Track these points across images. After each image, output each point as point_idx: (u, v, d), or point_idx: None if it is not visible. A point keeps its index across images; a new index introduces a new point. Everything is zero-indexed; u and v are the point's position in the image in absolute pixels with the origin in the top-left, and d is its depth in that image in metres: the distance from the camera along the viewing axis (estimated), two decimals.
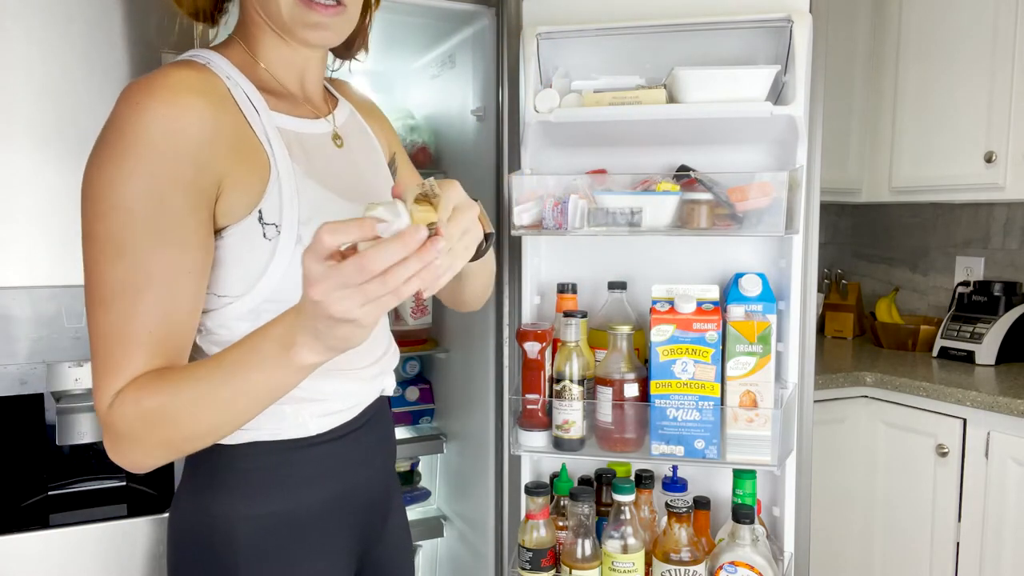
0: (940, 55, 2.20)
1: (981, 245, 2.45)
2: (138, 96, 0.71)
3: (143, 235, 0.70)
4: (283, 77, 0.88)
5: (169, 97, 0.71)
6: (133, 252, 0.70)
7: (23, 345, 1.22)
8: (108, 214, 0.70)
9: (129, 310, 0.70)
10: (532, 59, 1.37)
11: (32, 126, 1.20)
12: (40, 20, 1.19)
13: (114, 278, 0.70)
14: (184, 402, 0.68)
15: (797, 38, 1.28)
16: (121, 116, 0.71)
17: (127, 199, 0.70)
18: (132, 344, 0.70)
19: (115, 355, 0.70)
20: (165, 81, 0.72)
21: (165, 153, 0.71)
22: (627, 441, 1.30)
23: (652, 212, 1.27)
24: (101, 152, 0.72)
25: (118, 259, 0.70)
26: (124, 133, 0.70)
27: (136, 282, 0.70)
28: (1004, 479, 1.79)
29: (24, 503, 1.29)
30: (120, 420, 0.70)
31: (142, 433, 0.70)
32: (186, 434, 0.70)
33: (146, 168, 0.70)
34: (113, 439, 0.71)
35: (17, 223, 1.20)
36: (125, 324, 0.70)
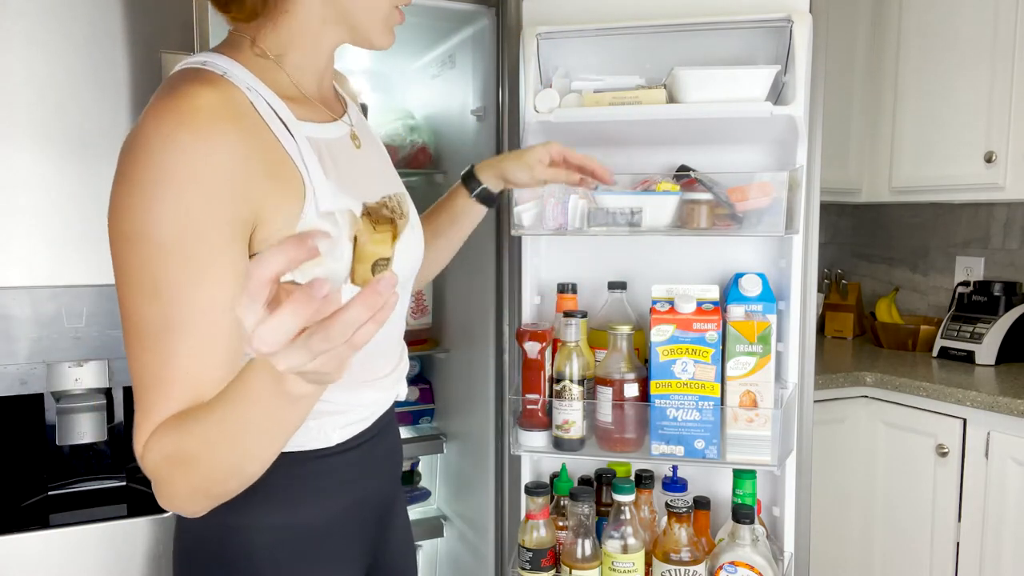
0: (940, 55, 2.20)
1: (981, 245, 2.45)
2: (168, 127, 0.68)
3: (180, 272, 0.67)
4: (305, 80, 0.85)
5: (201, 128, 0.68)
6: (169, 290, 0.67)
7: (23, 345, 1.22)
8: (142, 251, 0.67)
9: (166, 351, 0.68)
10: (532, 59, 1.37)
11: (33, 126, 1.20)
12: (41, 20, 1.19)
13: (151, 317, 0.68)
14: (196, 443, 0.66)
15: (797, 38, 1.28)
16: (150, 147, 0.68)
17: (162, 235, 0.67)
18: (168, 386, 0.68)
19: (151, 397, 0.68)
20: (195, 108, 0.69)
21: (200, 188, 0.68)
22: (627, 441, 1.30)
23: (652, 212, 1.27)
24: (131, 184, 0.68)
25: (155, 298, 0.68)
26: (155, 166, 0.67)
27: (173, 322, 0.68)
28: (1004, 479, 1.79)
29: (24, 503, 1.29)
30: (150, 464, 0.68)
31: (170, 478, 0.68)
32: (207, 475, 0.67)
33: (181, 203, 0.67)
34: (154, 484, 0.69)
35: (17, 223, 1.20)
36: (162, 366, 0.68)
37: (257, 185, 0.72)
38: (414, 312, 1.98)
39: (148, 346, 0.68)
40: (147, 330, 0.68)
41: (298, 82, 0.83)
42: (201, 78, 0.73)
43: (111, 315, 1.26)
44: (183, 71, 0.75)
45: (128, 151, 0.69)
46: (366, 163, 0.90)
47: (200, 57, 0.78)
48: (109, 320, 1.26)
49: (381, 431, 0.94)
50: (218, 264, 0.69)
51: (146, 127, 0.69)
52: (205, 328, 0.69)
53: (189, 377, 0.68)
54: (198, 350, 0.68)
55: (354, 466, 0.89)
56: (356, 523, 0.90)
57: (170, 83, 0.72)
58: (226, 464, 0.67)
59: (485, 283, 1.72)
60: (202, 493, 0.69)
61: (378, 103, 2.12)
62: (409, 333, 1.98)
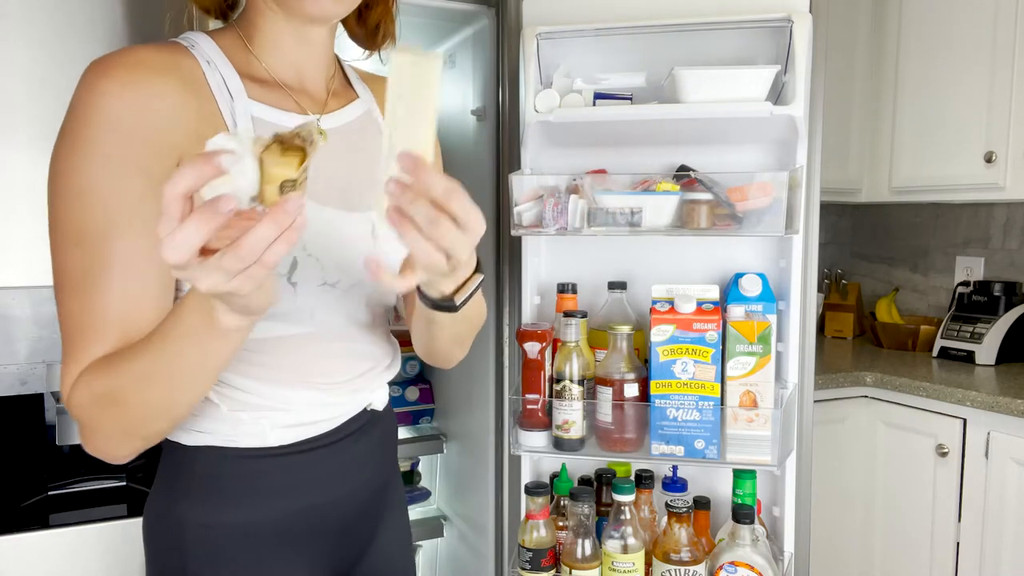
0: (940, 55, 2.20)
1: (981, 245, 2.45)
2: (94, 78, 0.70)
3: (101, 221, 0.69)
4: (276, 66, 0.83)
5: (126, 77, 0.69)
6: (92, 239, 0.69)
7: (23, 345, 1.22)
8: (67, 200, 0.69)
9: (88, 297, 0.69)
10: (532, 59, 1.37)
11: (32, 126, 1.20)
12: (41, 20, 1.19)
13: (74, 265, 0.69)
14: (127, 381, 0.67)
15: (797, 38, 1.28)
16: (78, 99, 0.70)
17: (83, 185, 0.69)
18: (91, 331, 0.69)
19: (76, 343, 0.70)
20: (123, 60, 0.70)
21: (121, 136, 0.69)
22: (627, 441, 1.30)
23: (652, 212, 1.27)
24: (61, 138, 0.70)
25: (77, 246, 0.69)
26: (80, 117, 0.69)
27: (95, 269, 0.69)
28: (1004, 479, 1.79)
29: (24, 503, 1.29)
30: (77, 407, 0.69)
31: (98, 419, 0.69)
32: (137, 415, 0.69)
33: (101, 152, 0.68)
34: (79, 428, 0.71)
35: (17, 223, 1.20)
36: (85, 312, 0.69)
37: (180, 142, 0.72)
38: None
39: (71, 293, 0.70)
40: (71, 277, 0.69)
41: (269, 66, 0.83)
42: (154, 44, 0.75)
43: None
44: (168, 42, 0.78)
45: (67, 109, 0.71)
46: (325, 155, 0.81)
47: (191, 35, 0.79)
48: None
49: (350, 438, 0.88)
50: (140, 212, 0.70)
51: (79, 82, 0.71)
52: (128, 275, 0.70)
53: (112, 322, 0.69)
54: (120, 296, 0.69)
55: (305, 471, 0.84)
56: (313, 531, 0.86)
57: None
58: (156, 401, 0.68)
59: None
60: (131, 434, 0.70)
61: None
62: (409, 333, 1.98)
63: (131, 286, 0.70)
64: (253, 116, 0.78)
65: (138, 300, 0.70)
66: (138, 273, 0.70)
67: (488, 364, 1.71)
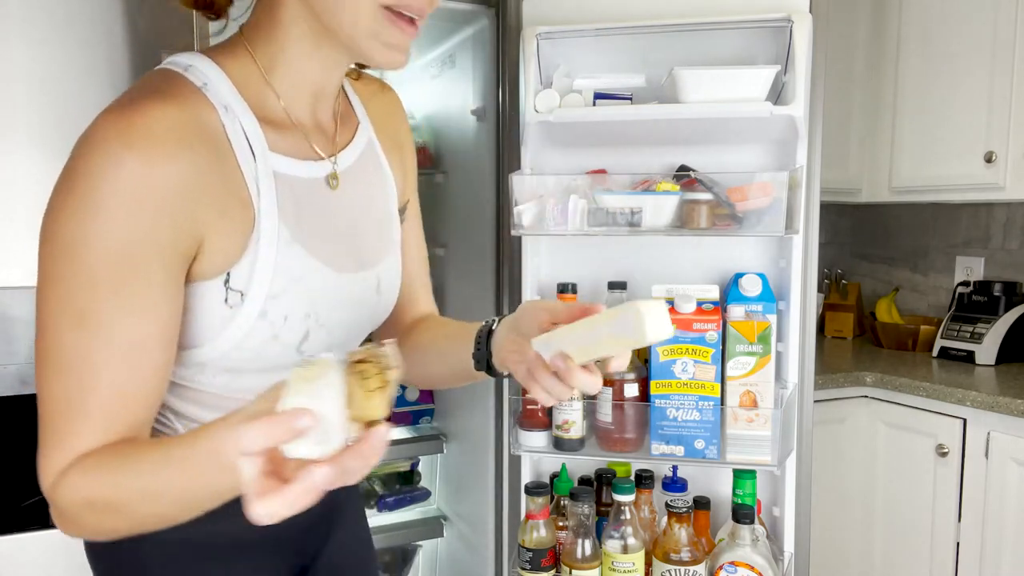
0: (940, 55, 2.20)
1: (981, 245, 2.45)
2: (117, 146, 0.62)
3: (109, 302, 0.63)
4: (295, 101, 0.76)
5: (149, 151, 0.63)
6: (96, 320, 0.63)
7: (23, 345, 1.22)
8: (71, 275, 0.63)
9: (84, 381, 0.64)
10: (532, 59, 1.37)
11: (32, 126, 1.20)
12: (41, 20, 1.19)
13: (71, 344, 0.63)
14: (132, 495, 0.63)
15: (797, 38, 1.28)
16: (95, 165, 0.63)
17: (93, 260, 0.62)
18: (84, 418, 0.64)
19: (62, 428, 0.64)
20: (146, 127, 0.63)
21: (140, 216, 0.63)
22: (627, 441, 1.30)
23: (652, 212, 1.27)
24: (66, 201, 0.63)
25: (79, 327, 0.63)
26: (97, 187, 0.62)
27: (96, 353, 0.64)
28: (1004, 479, 1.79)
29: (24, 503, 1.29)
30: (66, 505, 0.65)
31: (89, 520, 0.65)
32: (138, 522, 0.65)
33: (118, 230, 0.62)
34: (58, 515, 0.66)
35: (17, 223, 1.20)
36: (78, 395, 0.64)
37: (203, 217, 0.67)
38: None
39: (60, 374, 0.64)
40: (66, 357, 0.64)
41: (288, 104, 0.76)
42: (171, 92, 0.67)
43: None
44: (162, 72, 0.71)
45: (77, 156, 0.64)
46: (341, 206, 0.80)
47: (189, 58, 0.72)
48: None
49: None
50: (150, 296, 0.65)
51: (95, 137, 0.64)
52: (130, 363, 0.65)
53: (108, 413, 0.65)
54: (120, 386, 0.65)
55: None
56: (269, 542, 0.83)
57: (140, 88, 0.68)
58: (155, 518, 0.65)
59: (485, 283, 1.72)
60: (118, 533, 0.66)
61: None
62: None
63: (129, 376, 0.65)
64: (274, 173, 0.73)
65: (133, 392, 0.66)
66: (138, 363, 0.65)
67: None
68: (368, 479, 2.05)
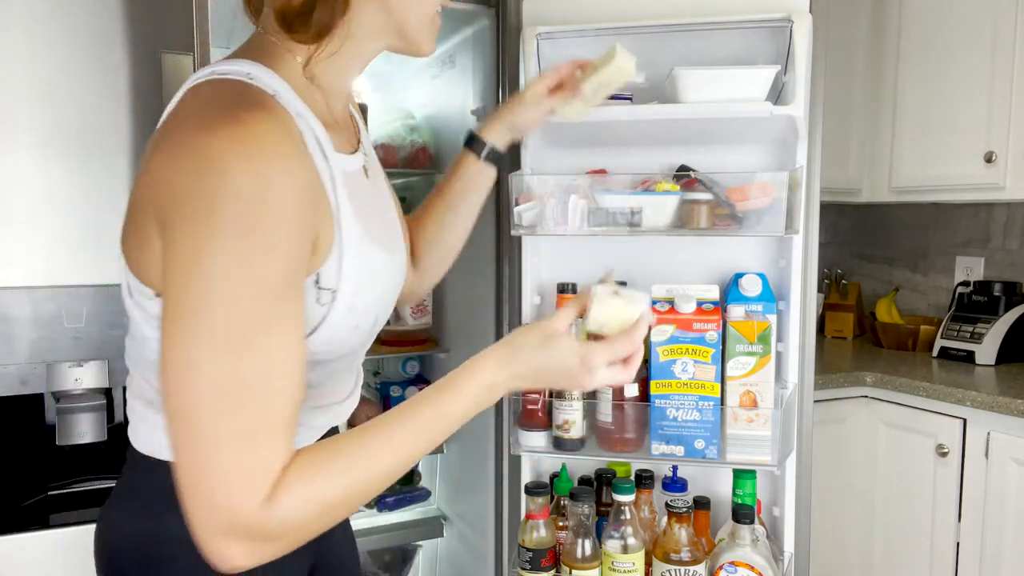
0: (940, 55, 2.20)
1: (981, 245, 2.45)
2: (255, 163, 0.62)
3: (274, 318, 0.63)
4: (334, 98, 0.80)
5: (282, 161, 0.63)
6: (266, 340, 0.62)
7: (23, 345, 1.22)
8: (230, 301, 0.61)
9: (269, 402, 0.63)
10: (532, 59, 1.37)
11: (32, 126, 1.20)
12: (41, 20, 1.19)
13: (246, 371, 0.62)
14: (370, 475, 0.68)
15: (797, 38, 1.28)
16: (234, 186, 0.61)
17: (259, 281, 0.62)
18: (275, 437, 0.63)
19: (255, 455, 0.62)
20: (267, 139, 0.63)
21: (292, 225, 0.64)
22: (627, 441, 1.30)
23: (652, 212, 1.27)
24: (215, 229, 0.61)
25: (255, 348, 0.62)
26: (244, 208, 0.61)
27: (272, 370, 0.63)
28: (1004, 479, 1.79)
29: (24, 503, 1.29)
30: (288, 518, 0.63)
31: (315, 525, 0.66)
32: (356, 506, 0.69)
33: (276, 244, 0.63)
34: (270, 538, 0.64)
35: (17, 223, 1.20)
36: (263, 419, 0.63)
37: (315, 222, 0.69)
38: (414, 312, 1.98)
39: (241, 407, 0.62)
40: (237, 390, 0.61)
41: (331, 106, 0.80)
42: (260, 102, 0.67)
43: (111, 315, 1.26)
44: (230, 83, 0.69)
45: (203, 180, 0.61)
46: (375, 194, 0.86)
47: (242, 65, 0.71)
48: (109, 320, 1.26)
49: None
50: (298, 302, 0.67)
51: (221, 158, 0.61)
52: (295, 370, 0.66)
53: (290, 423, 0.65)
54: (292, 394, 0.65)
55: None
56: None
57: (226, 101, 0.67)
58: (392, 477, 0.70)
59: (485, 283, 1.72)
60: (331, 524, 0.68)
61: (378, 103, 2.12)
62: (409, 333, 1.99)
63: (296, 382, 0.66)
64: (343, 172, 0.76)
65: (300, 396, 0.67)
66: (298, 368, 0.66)
67: None
68: None
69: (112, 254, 1.25)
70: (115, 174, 1.25)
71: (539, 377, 0.79)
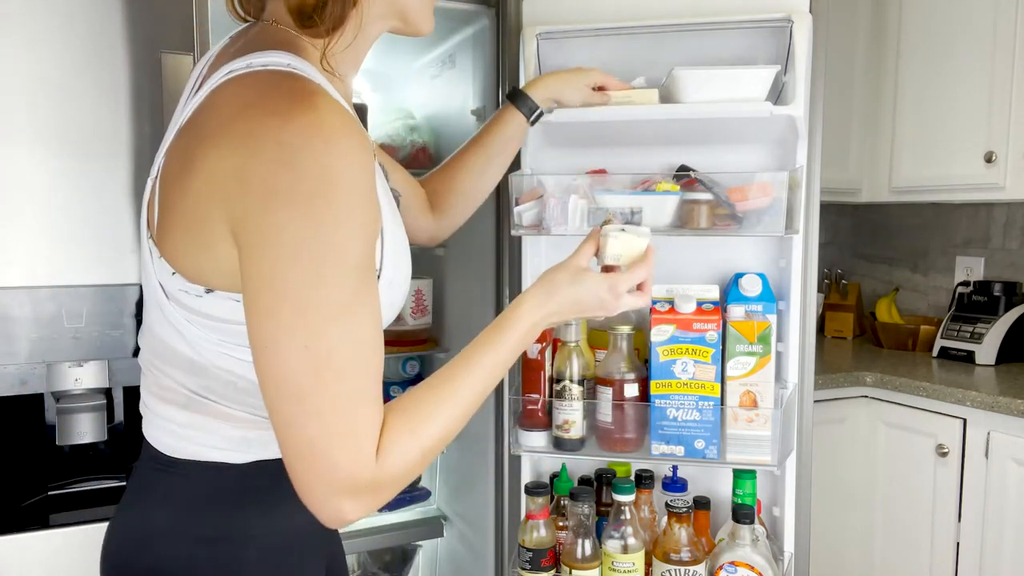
0: (940, 55, 2.20)
1: (981, 245, 2.45)
2: (339, 147, 0.65)
3: (364, 287, 0.68)
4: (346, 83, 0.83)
5: (360, 146, 0.67)
6: (361, 307, 0.67)
7: (23, 345, 1.22)
8: (330, 280, 0.65)
9: (364, 370, 0.68)
10: (532, 59, 1.37)
11: (32, 126, 1.20)
12: (41, 20, 1.19)
13: (343, 345, 0.66)
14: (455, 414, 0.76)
15: (797, 38, 1.28)
16: (327, 167, 0.64)
17: (357, 253, 0.67)
18: (375, 399, 0.69)
19: (366, 418, 0.68)
20: (337, 120, 0.66)
21: (373, 198, 0.69)
22: (627, 441, 1.30)
23: (652, 212, 1.27)
24: (313, 208, 0.64)
25: (349, 320, 0.66)
26: (338, 189, 0.65)
27: (362, 341, 0.67)
28: (1004, 479, 1.79)
29: (24, 503, 1.29)
30: (397, 471, 0.70)
31: (416, 470, 0.72)
32: (440, 450, 0.76)
33: (366, 216, 0.68)
34: (381, 488, 0.70)
35: (17, 223, 1.20)
36: (365, 383, 0.68)
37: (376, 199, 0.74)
38: (414, 312, 1.98)
39: (348, 371, 0.66)
40: (345, 357, 0.66)
41: (346, 94, 0.82)
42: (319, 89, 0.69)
43: (111, 315, 1.26)
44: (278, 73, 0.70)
45: (289, 162, 0.63)
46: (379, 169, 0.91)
47: (280, 57, 0.72)
48: (109, 320, 1.26)
49: None
50: (374, 271, 0.73)
51: (306, 141, 0.64)
52: (377, 333, 0.70)
53: (379, 383, 0.70)
54: (378, 355, 0.70)
55: None
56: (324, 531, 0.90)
57: (287, 90, 0.68)
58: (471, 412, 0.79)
59: (485, 283, 1.72)
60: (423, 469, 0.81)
61: (378, 103, 2.12)
62: (409, 333, 1.99)
63: (376, 350, 0.70)
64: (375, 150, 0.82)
65: (380, 359, 0.71)
66: (376, 337, 0.70)
67: None
68: None
69: (112, 254, 1.25)
70: (115, 174, 1.25)
71: (574, 309, 0.91)
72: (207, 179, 0.68)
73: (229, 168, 0.66)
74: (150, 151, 1.27)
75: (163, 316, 0.76)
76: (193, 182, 0.70)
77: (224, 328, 0.73)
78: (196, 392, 0.78)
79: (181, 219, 0.72)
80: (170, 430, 0.80)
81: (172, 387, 0.79)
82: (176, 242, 0.73)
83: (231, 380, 0.76)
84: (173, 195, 0.73)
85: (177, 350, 0.77)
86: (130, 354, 1.28)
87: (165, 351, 0.78)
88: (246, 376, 0.75)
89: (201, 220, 0.69)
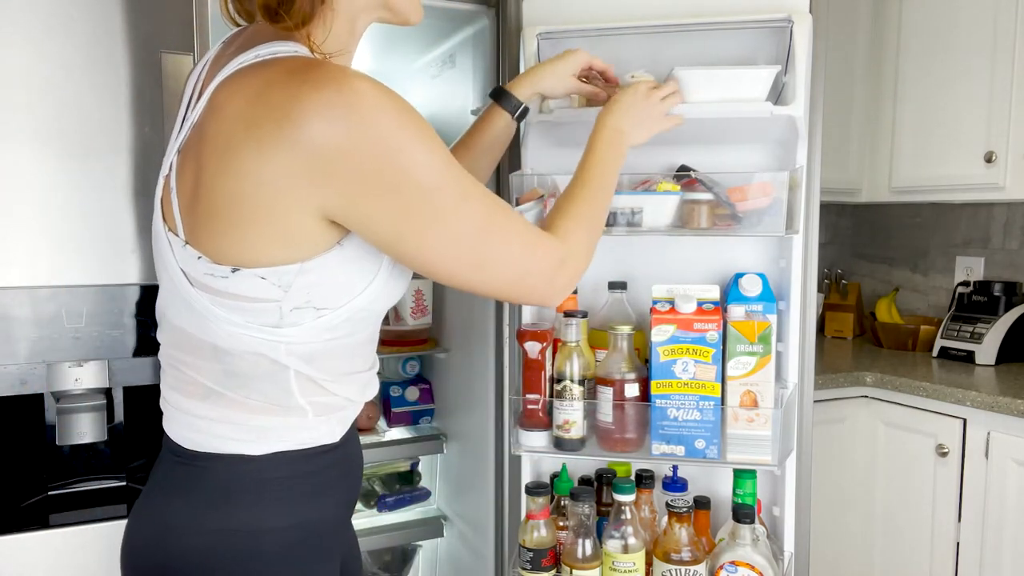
0: (940, 55, 2.20)
1: (981, 245, 2.45)
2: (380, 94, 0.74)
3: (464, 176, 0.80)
4: None
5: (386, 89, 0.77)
6: (474, 185, 0.81)
7: (23, 345, 1.22)
8: (450, 176, 0.78)
9: (508, 218, 0.85)
10: (532, 59, 1.37)
11: (33, 126, 1.20)
12: (41, 20, 1.19)
13: (488, 206, 0.82)
14: (597, 203, 1.00)
15: (797, 38, 1.28)
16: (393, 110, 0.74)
17: (440, 160, 0.78)
18: (529, 232, 0.87)
19: (531, 227, 0.87)
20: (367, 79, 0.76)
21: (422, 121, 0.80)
22: (627, 441, 1.30)
23: (652, 212, 1.27)
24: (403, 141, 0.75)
25: (480, 200, 0.81)
26: (408, 119, 0.76)
27: (488, 198, 0.82)
28: (1004, 479, 1.79)
29: (24, 503, 1.29)
30: (578, 249, 0.93)
31: (588, 235, 0.95)
32: (603, 218, 1.02)
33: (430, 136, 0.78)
34: (575, 263, 0.92)
35: (17, 223, 1.20)
36: (508, 219, 0.84)
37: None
38: (414, 312, 1.98)
39: (505, 213, 0.85)
40: (493, 212, 0.83)
41: None
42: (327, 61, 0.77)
43: (111, 315, 1.26)
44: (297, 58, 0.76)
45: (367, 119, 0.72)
46: None
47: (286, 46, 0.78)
48: (109, 320, 1.26)
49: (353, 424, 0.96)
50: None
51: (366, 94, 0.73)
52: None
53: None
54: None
55: (348, 459, 0.90)
56: (348, 514, 0.93)
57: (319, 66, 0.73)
58: (608, 202, 1.05)
59: None
60: (597, 240, 1.00)
61: None
62: (409, 333, 1.99)
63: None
64: None
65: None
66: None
67: (488, 364, 1.71)
68: (368, 479, 2.05)
69: (112, 254, 1.25)
70: (115, 174, 1.25)
71: (627, 109, 1.14)
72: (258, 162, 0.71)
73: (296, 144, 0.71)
74: (150, 151, 1.27)
75: (187, 305, 0.78)
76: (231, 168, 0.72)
77: (248, 308, 0.76)
78: (215, 383, 0.80)
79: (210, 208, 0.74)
80: (189, 423, 0.82)
81: (192, 379, 0.81)
82: (200, 229, 0.76)
83: (254, 361, 0.79)
84: (198, 189, 0.75)
85: (201, 339, 0.79)
86: (130, 354, 1.28)
87: (188, 342, 0.80)
88: (268, 355, 0.78)
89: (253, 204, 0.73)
